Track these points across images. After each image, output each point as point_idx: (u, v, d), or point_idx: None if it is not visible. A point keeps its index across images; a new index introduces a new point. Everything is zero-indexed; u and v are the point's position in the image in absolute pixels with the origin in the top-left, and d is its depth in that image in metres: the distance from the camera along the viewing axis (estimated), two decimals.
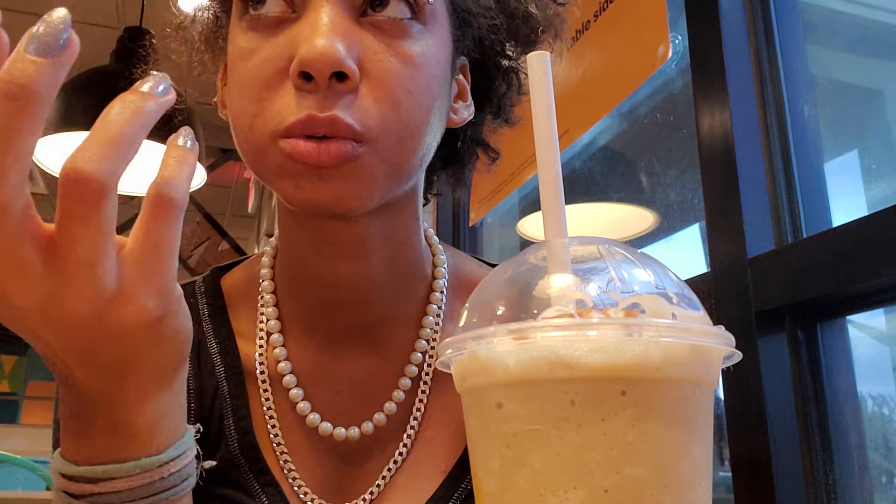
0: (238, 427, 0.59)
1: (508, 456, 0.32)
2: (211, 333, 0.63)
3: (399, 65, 0.50)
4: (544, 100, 0.37)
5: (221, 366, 0.61)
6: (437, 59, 0.53)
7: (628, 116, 1.53)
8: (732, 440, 0.87)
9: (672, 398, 0.32)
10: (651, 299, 0.34)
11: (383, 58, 0.49)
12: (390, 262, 0.59)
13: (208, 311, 0.64)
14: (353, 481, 0.60)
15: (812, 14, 1.09)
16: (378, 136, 0.49)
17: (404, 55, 0.50)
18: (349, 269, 0.58)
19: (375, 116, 0.48)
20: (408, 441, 0.60)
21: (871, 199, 1.00)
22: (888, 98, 1.06)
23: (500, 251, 2.05)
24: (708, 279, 0.94)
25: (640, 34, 1.14)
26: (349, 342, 0.61)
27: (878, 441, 0.87)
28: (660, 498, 0.31)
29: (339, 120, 0.47)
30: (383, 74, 0.49)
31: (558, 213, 0.36)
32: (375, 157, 0.49)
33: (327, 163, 0.47)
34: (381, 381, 0.61)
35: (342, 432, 0.59)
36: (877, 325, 0.90)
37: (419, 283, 0.63)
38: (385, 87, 0.49)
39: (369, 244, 0.57)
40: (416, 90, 0.50)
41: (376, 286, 0.59)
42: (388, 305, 0.61)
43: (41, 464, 2.68)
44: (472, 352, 0.34)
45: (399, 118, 0.49)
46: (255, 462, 0.58)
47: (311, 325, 0.61)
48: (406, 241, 0.60)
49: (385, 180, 0.51)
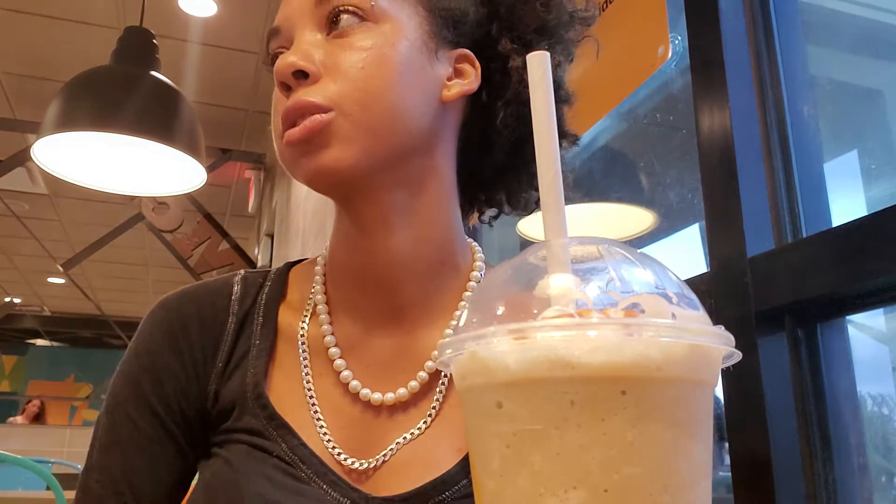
0: (253, 380, 0.66)
1: (508, 455, 0.33)
2: (262, 307, 0.71)
3: (353, 53, 0.61)
4: (544, 100, 0.37)
5: (258, 334, 0.69)
6: (392, 42, 0.62)
7: (628, 116, 1.53)
8: (732, 440, 0.87)
9: (672, 398, 0.32)
10: (651, 299, 0.34)
11: (339, 52, 0.61)
12: (415, 242, 0.66)
13: (268, 290, 0.72)
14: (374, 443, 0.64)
15: (812, 14, 1.09)
16: (340, 103, 0.59)
17: (356, 46, 0.61)
18: (377, 244, 0.65)
19: (333, 90, 0.60)
20: (428, 419, 0.64)
21: (870, 199, 1.00)
22: (888, 98, 1.07)
23: (500, 251, 2.05)
24: (707, 279, 0.94)
25: (639, 34, 1.14)
26: (383, 321, 0.67)
27: (877, 441, 0.87)
28: (659, 498, 0.31)
29: (302, 100, 0.59)
30: (338, 63, 0.61)
31: (558, 213, 0.36)
32: (344, 121, 0.59)
33: (304, 137, 0.59)
34: (409, 360, 0.66)
35: (368, 393, 0.65)
36: (877, 324, 0.90)
37: (451, 274, 0.68)
38: (341, 71, 0.60)
39: (392, 219, 0.65)
40: (368, 66, 0.61)
41: (403, 265, 0.66)
42: (418, 290, 0.67)
43: (41, 464, 2.68)
44: (472, 351, 0.34)
45: (356, 87, 0.60)
46: (264, 408, 0.64)
47: (349, 305, 0.69)
48: (432, 223, 0.67)
49: (362, 139, 0.60)
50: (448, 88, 0.66)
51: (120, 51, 2.25)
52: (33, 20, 3.19)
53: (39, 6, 3.08)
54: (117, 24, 3.13)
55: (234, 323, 0.69)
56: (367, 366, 0.67)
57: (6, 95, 3.97)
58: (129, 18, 3.07)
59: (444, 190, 0.68)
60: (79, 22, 3.23)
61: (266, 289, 0.72)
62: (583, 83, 1.25)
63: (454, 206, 0.69)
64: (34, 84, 3.84)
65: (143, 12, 2.50)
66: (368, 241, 0.66)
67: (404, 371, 0.66)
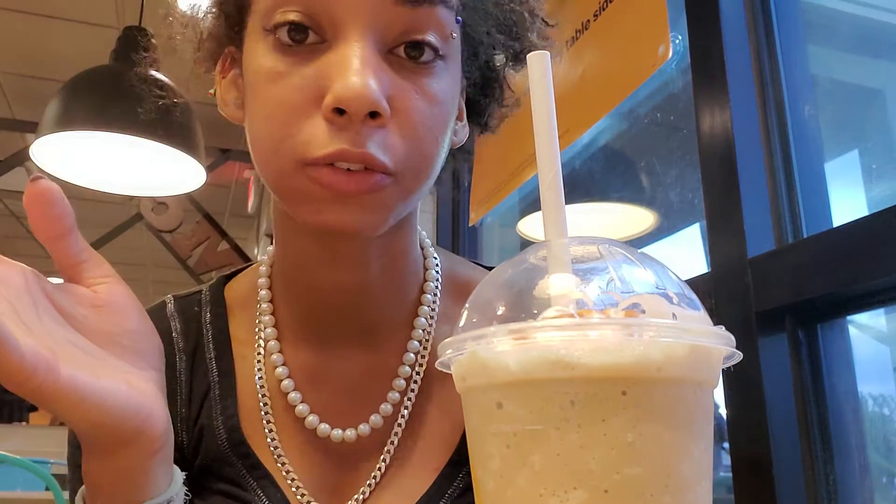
0: (227, 425, 0.61)
1: (508, 456, 0.32)
2: (210, 339, 0.65)
3: (424, 103, 0.52)
4: (544, 100, 0.37)
5: (215, 370, 0.63)
6: (453, 94, 0.55)
7: (628, 116, 1.53)
8: (733, 440, 0.87)
9: (672, 398, 0.32)
10: (651, 299, 0.34)
11: (411, 96, 0.51)
12: (386, 270, 0.61)
13: (209, 319, 0.66)
14: (348, 483, 0.60)
15: (812, 14, 1.09)
16: (403, 171, 0.51)
17: (428, 94, 0.52)
18: (347, 277, 0.59)
19: (401, 153, 0.50)
20: (395, 439, 0.60)
21: (871, 199, 1.00)
22: (889, 98, 1.06)
23: (500, 251, 2.05)
24: (708, 279, 0.94)
25: (640, 34, 1.14)
26: (345, 346, 0.62)
27: (878, 441, 0.86)
28: (660, 498, 0.31)
29: (371, 157, 0.48)
30: (410, 113, 0.51)
31: (558, 213, 0.36)
32: (396, 187, 0.51)
33: (358, 191, 0.49)
34: (376, 382, 0.62)
35: (339, 434, 0.60)
36: (877, 325, 0.90)
37: (412, 287, 0.64)
38: (411, 125, 0.51)
39: (368, 255, 0.58)
40: (435, 127, 0.52)
41: (371, 293, 0.61)
42: (383, 309, 0.62)
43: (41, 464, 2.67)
44: (472, 352, 0.34)
45: (420, 153, 0.52)
46: (245, 458, 0.60)
47: (307, 329, 0.62)
48: (403, 249, 0.62)
49: (399, 207, 0.53)
50: (455, 134, 0.60)
51: (119, 50, 2.25)
52: (32, 19, 3.19)
53: (38, 5, 3.08)
54: (116, 23, 3.13)
55: (184, 361, 0.63)
56: (334, 394, 0.62)
57: (5, 95, 3.98)
58: (128, 18, 3.07)
59: (414, 215, 0.63)
60: (78, 21, 3.23)
61: (206, 315, 0.66)
62: (583, 83, 1.25)
63: (417, 223, 0.64)
64: (33, 84, 3.84)
65: (142, 12, 2.50)
66: (337, 275, 0.59)
67: (375, 395, 0.61)
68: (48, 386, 0.35)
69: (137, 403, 0.40)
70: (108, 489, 0.43)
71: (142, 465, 0.43)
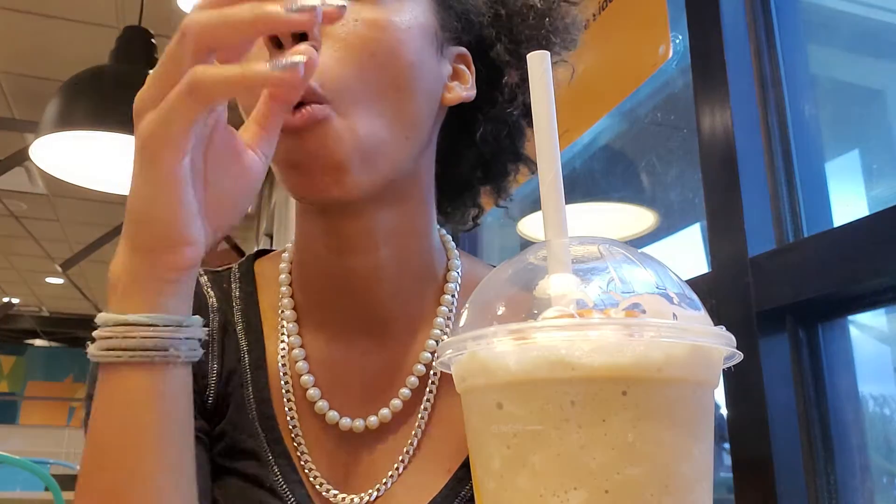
0: (256, 397, 0.61)
1: (509, 456, 0.32)
2: (240, 314, 0.65)
3: (363, 28, 0.51)
4: (544, 100, 0.37)
5: (245, 342, 0.63)
6: (407, 27, 0.54)
7: (628, 116, 1.53)
8: (733, 440, 0.87)
9: (673, 398, 0.32)
10: (652, 299, 0.34)
11: (348, 20, 0.51)
12: (399, 257, 0.61)
13: (239, 294, 0.66)
14: (360, 474, 0.61)
15: (813, 13, 1.09)
16: (339, 96, 0.50)
17: (368, 19, 0.51)
18: (358, 262, 0.60)
19: (333, 74, 0.50)
20: (415, 440, 0.61)
21: (872, 199, 1.00)
22: (889, 98, 1.06)
23: (500, 251, 2.05)
24: (709, 279, 0.94)
25: (640, 34, 1.14)
26: (361, 336, 0.62)
27: (879, 441, 0.86)
28: (660, 498, 0.31)
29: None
30: (346, 37, 0.51)
31: (558, 213, 0.36)
32: (340, 120, 0.50)
33: (300, 126, 0.49)
34: (390, 377, 0.62)
35: (348, 422, 0.60)
36: (878, 325, 0.90)
37: (430, 283, 0.65)
38: (345, 48, 0.51)
39: (376, 236, 0.59)
40: (379, 53, 0.51)
41: (386, 281, 0.61)
42: (399, 302, 0.62)
43: (40, 464, 2.67)
44: (472, 352, 0.34)
45: (359, 78, 0.51)
46: (271, 431, 0.60)
47: (323, 316, 0.63)
48: (414, 235, 0.62)
49: (354, 151, 0.51)
50: (449, 90, 0.60)
51: (119, 50, 2.25)
52: (32, 19, 3.18)
53: (38, 5, 3.08)
54: (116, 23, 3.13)
55: (216, 331, 0.64)
56: (348, 383, 0.62)
57: (4, 94, 3.97)
58: (127, 18, 3.06)
59: (426, 198, 0.63)
60: (77, 21, 3.23)
61: (236, 290, 0.67)
62: (583, 83, 1.25)
63: (433, 212, 0.65)
64: (33, 83, 3.84)
65: (142, 12, 2.50)
66: (347, 260, 0.60)
67: (387, 389, 0.62)
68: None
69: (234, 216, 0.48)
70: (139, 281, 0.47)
71: (176, 274, 0.47)
